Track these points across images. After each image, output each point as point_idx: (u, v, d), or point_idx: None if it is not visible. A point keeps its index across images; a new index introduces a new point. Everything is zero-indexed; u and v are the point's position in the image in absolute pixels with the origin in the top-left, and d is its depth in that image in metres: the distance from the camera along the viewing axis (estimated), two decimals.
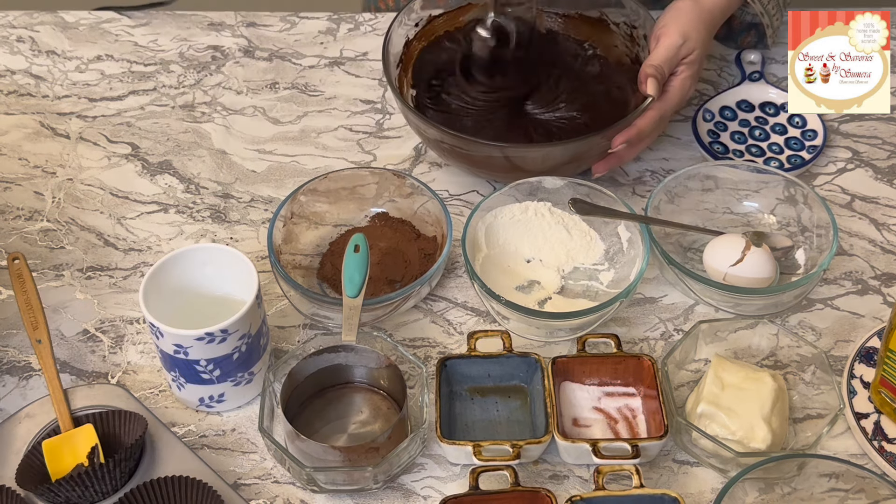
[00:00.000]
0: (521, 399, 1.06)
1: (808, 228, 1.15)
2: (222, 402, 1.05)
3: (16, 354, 1.10)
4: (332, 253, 1.17)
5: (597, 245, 1.16)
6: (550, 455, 1.02)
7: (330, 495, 1.00)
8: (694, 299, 1.14)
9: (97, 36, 1.44)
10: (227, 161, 1.29)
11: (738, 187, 1.19)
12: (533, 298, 1.12)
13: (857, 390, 1.05)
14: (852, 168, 1.26)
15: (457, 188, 1.25)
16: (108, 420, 1.01)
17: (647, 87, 1.17)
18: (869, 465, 1.01)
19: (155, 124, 1.33)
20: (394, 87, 1.21)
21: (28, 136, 1.32)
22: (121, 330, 1.12)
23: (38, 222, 1.22)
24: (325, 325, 1.12)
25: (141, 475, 0.98)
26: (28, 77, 1.39)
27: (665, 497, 0.95)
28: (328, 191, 1.18)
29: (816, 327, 1.12)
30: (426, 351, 1.10)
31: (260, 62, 1.40)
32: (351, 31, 1.44)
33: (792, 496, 0.97)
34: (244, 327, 1.00)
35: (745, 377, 1.01)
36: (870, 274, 1.16)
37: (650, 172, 1.26)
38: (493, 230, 1.15)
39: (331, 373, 1.04)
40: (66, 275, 1.17)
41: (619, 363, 1.05)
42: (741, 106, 1.31)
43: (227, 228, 1.22)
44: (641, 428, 1.03)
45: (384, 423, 1.03)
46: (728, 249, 1.11)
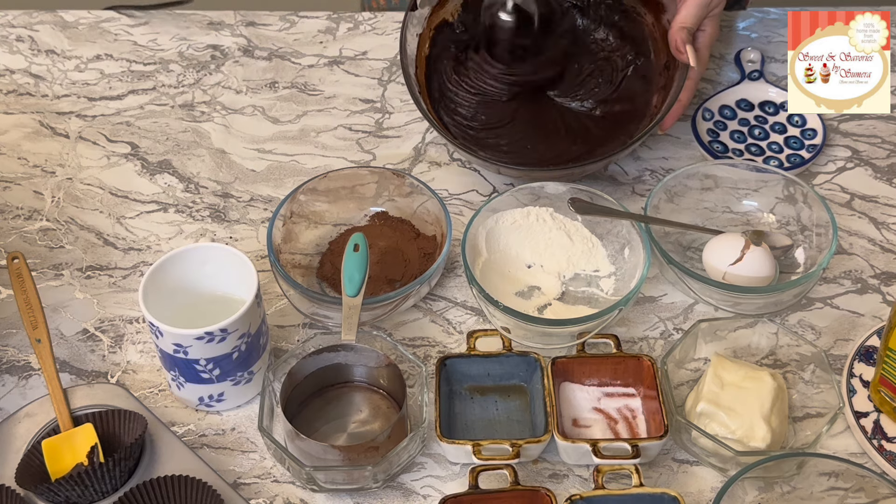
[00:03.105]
0: (521, 398, 1.06)
1: (808, 227, 1.15)
2: (222, 401, 1.05)
3: (15, 354, 1.10)
4: (332, 252, 1.17)
5: (598, 251, 1.15)
6: (550, 454, 1.02)
7: (330, 494, 1.00)
8: (693, 298, 1.14)
9: (96, 35, 1.44)
10: (227, 160, 1.29)
11: (738, 186, 1.19)
12: (533, 304, 1.12)
13: (857, 389, 1.05)
14: (852, 167, 1.26)
15: (456, 187, 1.25)
16: (108, 419, 1.00)
17: (689, 57, 1.13)
18: (868, 463, 1.01)
19: (154, 124, 1.33)
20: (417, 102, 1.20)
21: (27, 135, 1.32)
22: (120, 329, 1.12)
23: (38, 222, 1.22)
24: (325, 324, 1.11)
25: (140, 474, 0.98)
26: (27, 76, 1.39)
27: (665, 496, 0.95)
28: (328, 190, 1.18)
29: (816, 326, 1.12)
30: (426, 350, 1.10)
31: (259, 61, 1.40)
32: (350, 31, 1.44)
33: (791, 495, 0.97)
34: (244, 326, 1.00)
35: (745, 376, 1.01)
36: (869, 273, 1.16)
37: (650, 171, 1.26)
38: (494, 235, 1.15)
39: (330, 372, 1.04)
40: (66, 274, 1.17)
41: (619, 364, 1.05)
42: (741, 105, 1.31)
43: (226, 228, 1.22)
44: (641, 428, 1.03)
45: (384, 423, 1.03)
46: (727, 248, 1.11)
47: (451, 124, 1.25)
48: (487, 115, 1.27)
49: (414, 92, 1.21)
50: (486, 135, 1.25)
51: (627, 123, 1.24)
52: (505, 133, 1.25)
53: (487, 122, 1.26)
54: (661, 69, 1.23)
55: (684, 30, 1.14)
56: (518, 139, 1.25)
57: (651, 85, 1.24)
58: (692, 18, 1.14)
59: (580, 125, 1.26)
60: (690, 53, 1.14)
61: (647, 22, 1.25)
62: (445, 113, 1.26)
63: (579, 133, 1.25)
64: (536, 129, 1.26)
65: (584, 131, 1.25)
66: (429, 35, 1.27)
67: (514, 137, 1.25)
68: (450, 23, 1.29)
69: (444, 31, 1.28)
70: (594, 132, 1.25)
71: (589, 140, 1.24)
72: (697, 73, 1.18)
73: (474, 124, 1.26)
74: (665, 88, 1.21)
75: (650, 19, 1.25)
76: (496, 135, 1.25)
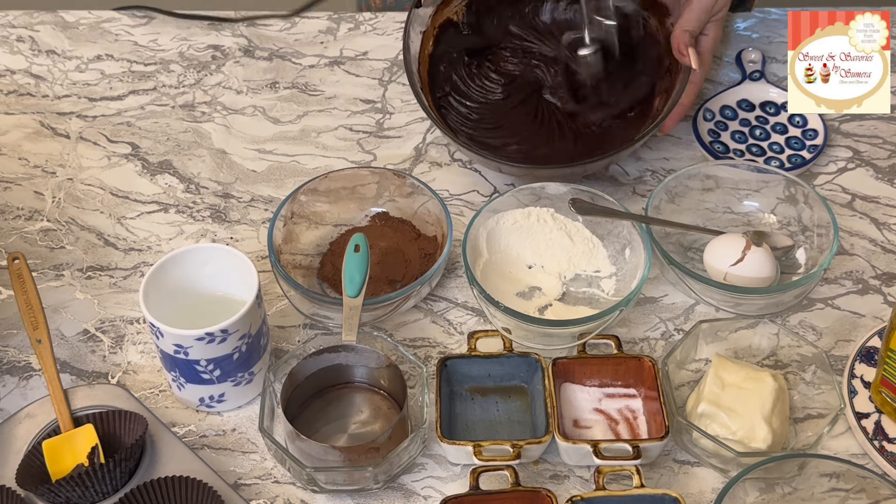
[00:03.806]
0: (522, 399, 1.06)
1: (809, 228, 1.15)
2: (222, 402, 1.05)
3: (16, 354, 1.10)
4: (333, 253, 1.17)
5: (599, 252, 1.15)
6: (551, 455, 1.02)
7: (330, 495, 1.00)
8: (694, 299, 1.14)
9: (97, 35, 1.44)
10: (228, 161, 1.29)
11: (739, 187, 1.19)
12: (533, 305, 1.12)
13: (858, 390, 1.05)
14: (853, 167, 1.26)
15: (457, 188, 1.25)
16: (109, 420, 1.00)
17: (691, 60, 1.13)
18: (870, 464, 1.01)
19: (155, 124, 1.33)
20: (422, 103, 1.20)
21: (28, 135, 1.32)
22: (121, 330, 1.12)
23: (38, 222, 1.22)
24: (326, 324, 1.11)
25: (141, 475, 0.98)
26: (28, 77, 1.39)
27: (665, 497, 0.95)
28: (328, 190, 1.18)
29: (817, 327, 1.12)
30: (426, 351, 1.10)
31: (260, 62, 1.40)
32: (351, 31, 1.44)
33: (792, 496, 0.97)
34: (244, 327, 1.00)
35: (746, 377, 1.01)
36: (870, 273, 1.16)
37: (650, 172, 1.26)
38: (495, 235, 1.15)
39: (331, 373, 1.04)
40: (67, 275, 1.17)
41: (620, 364, 1.05)
42: (742, 105, 1.31)
43: (227, 228, 1.22)
44: (642, 429, 1.03)
45: (384, 423, 1.03)
46: (728, 249, 1.11)
47: (453, 122, 1.25)
48: (490, 114, 1.27)
49: (416, 89, 1.21)
50: (487, 134, 1.25)
51: (629, 125, 1.24)
52: (507, 132, 1.26)
53: (490, 122, 1.26)
54: (664, 73, 1.23)
55: (686, 33, 1.14)
56: (520, 139, 1.25)
57: (654, 88, 1.24)
58: (695, 22, 1.15)
59: (582, 126, 1.26)
60: (692, 56, 1.14)
61: (651, 26, 1.25)
62: (447, 111, 1.26)
63: (581, 134, 1.25)
64: (538, 129, 1.26)
65: (587, 132, 1.25)
66: (433, 33, 1.27)
67: (516, 137, 1.25)
68: (454, 22, 1.29)
69: (449, 30, 1.28)
70: (596, 133, 1.25)
71: (591, 141, 1.24)
72: (700, 76, 1.18)
73: (476, 123, 1.26)
74: (668, 91, 1.21)
75: (654, 23, 1.25)
76: (498, 134, 1.25)
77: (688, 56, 1.14)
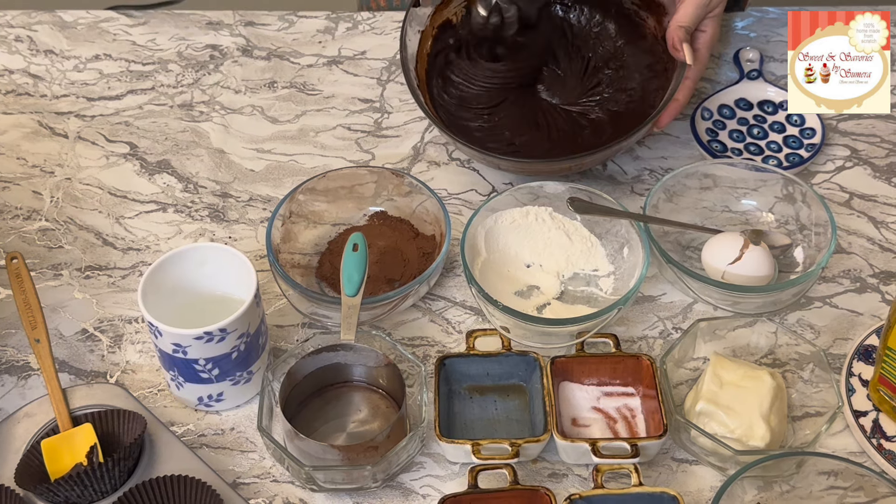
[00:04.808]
0: (520, 398, 1.06)
1: (807, 226, 1.15)
2: (221, 401, 1.05)
3: (14, 354, 1.10)
4: (331, 252, 1.17)
5: (597, 250, 1.15)
6: (549, 453, 1.02)
7: (329, 494, 1.00)
8: (692, 297, 1.14)
9: (95, 35, 1.44)
10: (226, 160, 1.29)
11: (737, 185, 1.19)
12: (532, 304, 1.12)
13: (856, 388, 1.05)
14: (851, 166, 1.26)
15: (455, 187, 1.25)
16: (107, 419, 1.00)
17: (685, 55, 1.13)
18: (867, 462, 1.01)
19: (153, 123, 1.33)
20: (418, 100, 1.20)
21: (26, 135, 1.32)
22: (119, 329, 1.12)
23: (37, 222, 1.22)
24: (324, 324, 1.11)
25: (140, 474, 0.98)
26: (26, 76, 1.39)
27: (664, 495, 0.95)
28: (327, 190, 1.18)
29: (815, 325, 1.12)
30: (425, 350, 1.10)
31: (258, 61, 1.40)
32: (349, 30, 1.44)
33: (791, 494, 0.97)
34: (243, 326, 1.00)
35: (744, 375, 1.01)
36: (868, 272, 1.16)
37: (648, 171, 1.26)
38: (493, 234, 1.15)
39: (330, 372, 1.04)
40: (65, 274, 1.17)
41: (618, 363, 1.05)
42: (739, 104, 1.31)
43: (225, 227, 1.22)
44: (640, 427, 1.03)
45: (383, 422, 1.03)
46: (726, 248, 1.11)
47: (450, 120, 1.26)
48: (488, 112, 1.27)
49: (413, 87, 1.21)
50: (485, 131, 1.25)
51: (626, 122, 1.24)
52: (505, 130, 1.26)
53: (487, 120, 1.26)
54: (661, 70, 1.24)
55: (682, 28, 1.14)
56: (518, 136, 1.25)
57: (651, 85, 1.25)
58: (690, 17, 1.15)
59: (580, 123, 1.26)
60: (687, 52, 1.14)
61: (648, 25, 1.25)
62: (444, 109, 1.27)
63: (579, 131, 1.25)
64: (536, 126, 1.26)
65: (584, 129, 1.26)
66: (431, 33, 1.27)
67: (514, 134, 1.25)
68: (453, 23, 1.29)
69: (448, 30, 1.28)
70: (593, 130, 1.25)
71: (588, 137, 1.24)
72: (695, 72, 1.18)
73: (473, 121, 1.26)
74: (664, 89, 1.21)
75: (652, 22, 1.25)
76: (496, 131, 1.25)
77: (682, 51, 1.14)
